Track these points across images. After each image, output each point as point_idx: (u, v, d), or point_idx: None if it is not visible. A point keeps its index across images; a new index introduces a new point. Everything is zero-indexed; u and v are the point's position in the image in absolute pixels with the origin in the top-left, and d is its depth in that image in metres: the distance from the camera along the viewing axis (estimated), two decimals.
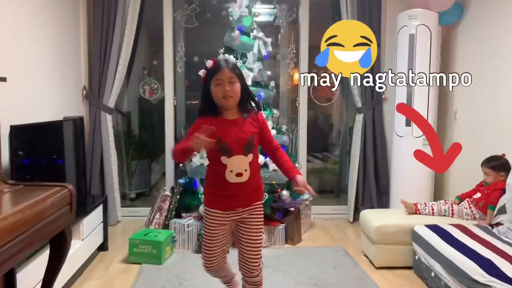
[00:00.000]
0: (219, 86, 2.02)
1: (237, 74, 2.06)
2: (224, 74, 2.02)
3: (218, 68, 2.04)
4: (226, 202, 2.12)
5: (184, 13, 4.79)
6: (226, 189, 2.09)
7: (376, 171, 4.65)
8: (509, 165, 3.18)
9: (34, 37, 3.31)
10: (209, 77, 2.05)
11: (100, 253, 3.63)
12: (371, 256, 3.42)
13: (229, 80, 2.02)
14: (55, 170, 3.28)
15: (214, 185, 2.14)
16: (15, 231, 1.72)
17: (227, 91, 2.01)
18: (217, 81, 2.02)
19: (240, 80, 2.07)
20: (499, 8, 3.53)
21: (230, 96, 2.03)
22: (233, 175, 2.05)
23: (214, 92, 2.04)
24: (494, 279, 2.20)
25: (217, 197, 2.13)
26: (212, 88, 2.04)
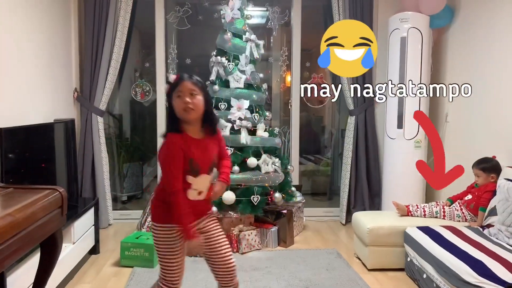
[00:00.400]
0: (179, 98, 1.95)
1: (199, 87, 1.99)
2: (184, 86, 1.96)
3: (180, 80, 1.98)
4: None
5: (176, 15, 4.79)
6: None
7: (368, 173, 4.67)
8: (499, 167, 3.21)
9: (24, 39, 3.28)
10: (171, 90, 1.99)
11: (91, 256, 3.61)
12: (364, 258, 3.43)
13: (190, 92, 1.95)
14: (46, 173, 3.25)
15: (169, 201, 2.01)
16: (5, 234, 1.71)
17: (187, 102, 1.94)
18: (178, 93, 1.96)
19: (203, 93, 2.01)
20: (489, 11, 3.57)
21: (191, 109, 1.95)
22: (195, 194, 2.03)
23: (176, 105, 1.96)
24: (485, 280, 2.22)
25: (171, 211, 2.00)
26: (174, 102, 1.97)
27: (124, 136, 5.38)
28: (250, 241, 3.72)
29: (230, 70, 3.99)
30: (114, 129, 5.19)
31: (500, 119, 3.41)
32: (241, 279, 3.11)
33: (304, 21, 4.77)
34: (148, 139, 5.26)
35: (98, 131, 4.34)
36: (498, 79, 3.44)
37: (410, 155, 4.05)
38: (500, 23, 3.42)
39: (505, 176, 3.03)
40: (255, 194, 3.77)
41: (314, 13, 5.16)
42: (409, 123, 4.03)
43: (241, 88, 3.98)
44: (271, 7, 4.88)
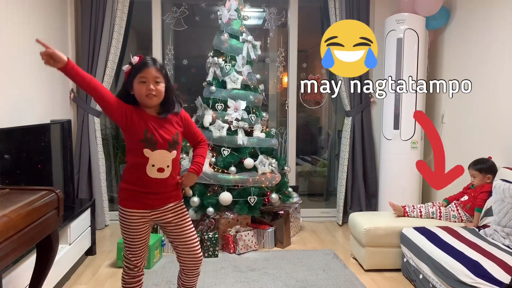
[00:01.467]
0: (143, 84, 1.98)
1: (163, 74, 2.03)
2: (149, 73, 1.98)
3: (144, 65, 1.99)
4: (144, 201, 2.07)
5: (173, 16, 4.79)
6: (145, 186, 2.04)
7: (365, 174, 4.68)
8: (495, 167, 3.23)
9: (21, 40, 3.27)
10: (134, 73, 2.00)
11: (87, 257, 3.60)
12: (360, 259, 3.44)
13: (154, 80, 1.99)
14: (42, 174, 3.25)
15: (132, 181, 2.05)
16: (1, 235, 1.70)
17: (151, 90, 1.97)
18: (142, 79, 1.98)
19: (166, 80, 2.05)
20: (485, 12, 3.58)
21: (154, 95, 1.99)
22: (154, 170, 2.01)
23: (137, 89, 1.99)
24: (481, 281, 2.23)
25: (134, 195, 2.06)
26: (135, 85, 1.99)
27: (120, 137, 5.36)
28: (247, 241, 3.72)
29: (227, 71, 3.99)
30: (111, 130, 5.17)
31: (496, 120, 3.42)
32: (237, 280, 3.13)
33: (301, 22, 4.78)
34: None
35: (95, 132, 4.34)
36: (494, 80, 3.45)
37: (407, 156, 4.06)
38: (496, 24, 3.44)
39: (501, 177, 3.05)
40: (252, 195, 3.77)
41: (311, 14, 5.17)
42: (406, 124, 4.04)
43: (238, 89, 3.98)
44: (268, 8, 4.89)
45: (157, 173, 2.01)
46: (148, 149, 1.99)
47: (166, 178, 2.05)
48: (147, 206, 2.08)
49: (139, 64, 2.01)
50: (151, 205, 2.08)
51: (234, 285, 3.06)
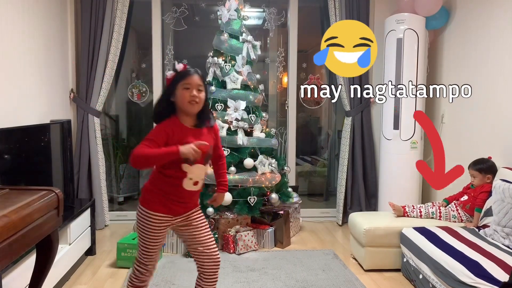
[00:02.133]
0: (187, 90, 2.02)
1: (203, 83, 2.08)
2: (194, 80, 2.03)
3: (189, 73, 2.05)
4: (175, 208, 2.10)
5: (173, 16, 4.79)
6: (179, 196, 2.08)
7: (365, 174, 4.68)
8: (495, 167, 3.23)
9: (20, 40, 3.27)
10: (177, 80, 2.04)
11: (87, 257, 3.60)
12: (360, 259, 3.44)
13: (197, 87, 2.04)
14: (42, 174, 3.25)
15: (165, 190, 2.08)
16: (1, 235, 1.70)
17: (194, 96, 2.02)
18: (186, 85, 2.02)
19: (205, 89, 2.10)
20: (485, 12, 3.58)
21: (196, 102, 2.03)
22: (190, 183, 2.06)
23: (181, 95, 2.03)
24: (481, 281, 2.23)
25: (164, 201, 2.09)
26: (178, 91, 2.03)
27: (120, 137, 5.37)
28: (247, 241, 3.72)
29: (227, 71, 3.99)
30: (111, 130, 5.18)
31: (496, 120, 3.42)
32: (237, 280, 3.13)
33: (300, 22, 4.78)
34: None
35: (95, 132, 4.34)
36: (494, 80, 3.45)
37: (406, 156, 4.06)
38: (495, 24, 3.44)
39: (500, 177, 3.05)
40: (251, 195, 3.77)
41: (311, 14, 5.17)
42: (405, 124, 4.04)
43: (237, 89, 3.98)
44: (268, 8, 4.89)
45: (193, 186, 2.08)
46: (187, 164, 2.02)
47: (198, 190, 2.12)
48: (173, 212, 2.11)
49: (184, 71, 2.05)
50: (177, 212, 2.12)
51: (234, 285, 3.06)
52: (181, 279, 3.16)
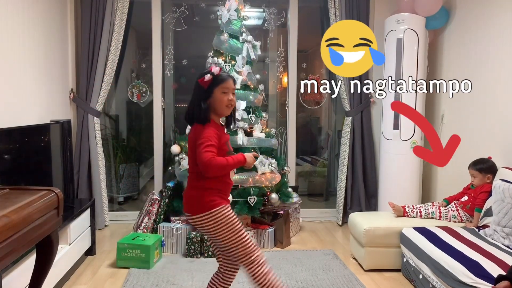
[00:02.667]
0: (225, 95, 2.15)
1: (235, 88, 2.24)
2: (231, 84, 2.18)
3: (226, 78, 2.17)
4: (227, 198, 2.27)
5: (173, 16, 4.79)
6: (227, 188, 2.26)
7: (365, 174, 4.68)
8: (495, 167, 3.22)
9: (20, 40, 3.28)
10: (215, 84, 2.14)
11: (87, 257, 3.60)
12: (360, 259, 3.44)
13: (233, 91, 2.19)
14: (42, 174, 3.25)
15: (219, 186, 2.20)
16: (1, 235, 1.70)
17: (231, 100, 2.17)
18: (224, 89, 2.15)
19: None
20: (484, 12, 3.58)
21: (232, 106, 2.20)
22: (232, 175, 2.29)
23: (219, 98, 2.15)
24: (480, 281, 2.23)
25: (222, 195, 2.21)
26: (217, 95, 2.14)
27: (120, 137, 5.37)
28: None
29: (227, 71, 3.99)
30: (111, 130, 5.18)
31: (496, 120, 3.42)
32: (237, 280, 3.12)
33: (300, 22, 4.78)
34: (145, 140, 5.25)
35: (95, 132, 4.34)
36: (494, 80, 3.45)
37: (406, 156, 4.06)
38: (495, 24, 3.44)
39: (500, 177, 3.05)
40: (251, 195, 3.77)
41: (311, 14, 5.17)
42: (405, 124, 4.04)
43: (237, 89, 3.98)
44: (268, 8, 4.89)
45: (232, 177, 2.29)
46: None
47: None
48: (227, 202, 2.26)
49: (221, 76, 2.17)
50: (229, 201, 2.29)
51: (234, 285, 3.05)
52: (181, 279, 3.16)
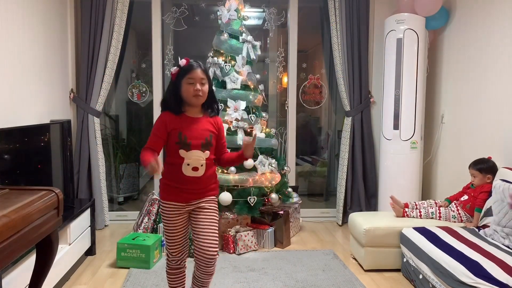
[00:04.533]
0: (191, 85, 2.17)
1: (207, 76, 2.22)
2: (197, 74, 2.17)
3: (191, 67, 2.18)
4: (180, 195, 2.24)
5: (173, 16, 4.79)
6: (181, 182, 2.22)
7: (365, 174, 4.68)
8: (495, 167, 3.22)
9: (20, 40, 3.28)
10: (181, 75, 2.19)
11: (87, 257, 3.60)
12: (360, 259, 3.44)
13: (200, 81, 2.18)
14: (42, 174, 3.24)
15: (170, 178, 2.24)
16: (1, 235, 1.70)
17: (198, 90, 2.17)
18: (190, 80, 2.17)
19: (209, 83, 2.24)
20: (484, 12, 3.58)
21: (200, 96, 2.19)
22: (189, 169, 2.19)
23: (185, 89, 2.18)
24: (481, 281, 2.23)
25: (172, 190, 2.24)
26: (183, 86, 2.18)
27: (120, 137, 5.37)
28: (247, 242, 3.72)
29: (227, 71, 3.99)
30: (111, 130, 5.18)
31: (496, 120, 3.42)
32: (237, 280, 3.13)
33: (300, 22, 4.78)
34: (145, 140, 5.20)
35: (95, 132, 4.34)
36: (494, 80, 3.45)
37: (406, 156, 4.06)
38: (495, 24, 3.44)
39: (501, 177, 3.05)
40: (251, 195, 3.77)
41: (311, 14, 5.17)
42: (405, 124, 4.04)
43: (237, 89, 3.98)
44: (268, 8, 4.89)
45: (192, 172, 2.20)
46: (183, 150, 2.18)
47: (200, 176, 2.22)
48: (182, 200, 2.25)
49: (187, 66, 2.20)
50: (186, 199, 2.26)
51: (234, 285, 3.06)
52: None
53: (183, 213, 2.27)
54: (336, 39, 4.52)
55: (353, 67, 4.55)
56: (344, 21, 4.47)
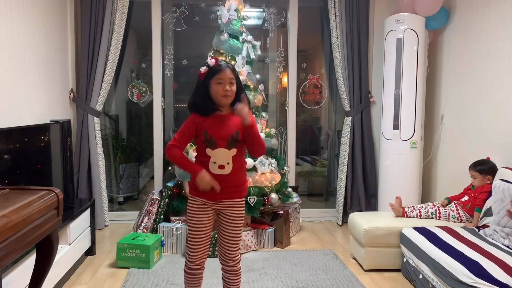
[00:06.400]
0: (220, 85, 2.18)
1: (235, 76, 2.23)
2: (226, 74, 2.19)
3: (221, 68, 2.20)
4: (207, 192, 2.23)
5: (173, 16, 4.79)
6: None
7: (365, 174, 4.68)
8: (495, 168, 3.22)
9: (20, 39, 3.27)
10: (210, 75, 2.20)
11: (87, 257, 3.60)
12: (360, 259, 3.44)
13: (229, 81, 2.19)
14: (42, 174, 3.24)
15: None
16: (1, 235, 1.70)
17: (227, 91, 2.18)
18: (219, 80, 2.18)
19: (237, 82, 2.25)
20: (484, 12, 3.58)
21: (229, 96, 2.20)
22: (215, 167, 2.20)
23: (215, 89, 2.19)
24: (480, 281, 2.23)
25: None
26: (212, 86, 2.20)
27: (120, 137, 5.37)
28: (247, 242, 3.72)
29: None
30: (110, 130, 5.18)
31: (496, 120, 3.42)
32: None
33: (300, 22, 4.78)
34: (145, 140, 5.25)
35: (94, 132, 4.34)
36: (494, 79, 3.45)
37: (406, 156, 4.06)
38: (495, 24, 3.44)
39: (500, 177, 3.05)
40: (251, 195, 3.77)
41: (311, 14, 5.17)
42: (405, 124, 4.04)
43: None
44: (268, 8, 4.89)
45: (218, 170, 2.20)
46: (209, 148, 2.20)
47: (227, 174, 2.21)
48: (209, 197, 2.25)
49: (216, 66, 2.21)
50: (213, 197, 2.25)
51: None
52: (181, 279, 3.16)
53: (209, 211, 2.28)
54: (336, 39, 4.52)
55: (353, 67, 4.55)
56: (344, 21, 4.48)
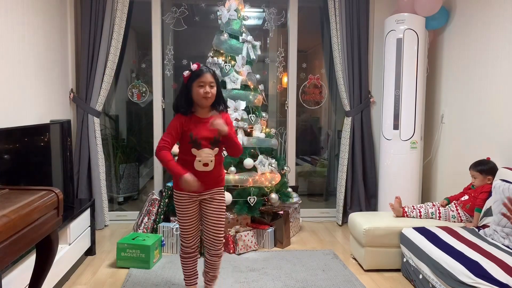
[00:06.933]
0: (201, 87, 2.42)
1: (215, 79, 2.47)
2: (206, 78, 2.43)
3: (202, 72, 2.43)
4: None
5: (173, 16, 4.78)
6: (194, 176, 2.41)
7: (365, 174, 4.68)
8: (496, 168, 3.22)
9: (20, 39, 3.27)
10: (193, 78, 2.44)
11: (87, 257, 3.60)
12: (360, 259, 3.44)
13: (210, 84, 2.43)
14: (41, 174, 3.24)
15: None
16: (1, 235, 1.70)
17: (207, 93, 2.42)
18: (200, 83, 2.42)
19: (217, 85, 2.48)
20: (484, 12, 3.58)
21: (209, 97, 2.44)
22: (200, 165, 2.45)
23: (196, 92, 2.43)
24: (480, 281, 2.23)
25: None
26: (194, 88, 2.44)
27: (120, 137, 5.37)
28: (247, 242, 3.72)
29: (227, 71, 3.99)
30: (110, 130, 5.17)
31: (496, 120, 3.42)
32: (237, 280, 3.13)
33: (300, 22, 4.78)
34: (145, 140, 5.25)
35: (94, 132, 4.34)
36: (494, 79, 3.45)
37: (406, 156, 4.06)
38: (495, 24, 3.44)
39: (500, 177, 3.05)
40: (251, 195, 3.77)
41: (311, 14, 5.17)
42: (405, 124, 4.05)
43: (237, 89, 3.98)
44: (268, 8, 4.89)
45: (203, 167, 2.46)
46: (195, 148, 2.44)
47: (210, 170, 2.48)
48: (192, 192, 2.50)
49: (198, 70, 2.44)
50: (198, 190, 2.46)
51: (234, 285, 3.06)
52: (181, 279, 3.15)
53: (195, 202, 2.54)
54: (336, 39, 4.52)
55: (353, 67, 4.55)
56: (344, 21, 4.48)
